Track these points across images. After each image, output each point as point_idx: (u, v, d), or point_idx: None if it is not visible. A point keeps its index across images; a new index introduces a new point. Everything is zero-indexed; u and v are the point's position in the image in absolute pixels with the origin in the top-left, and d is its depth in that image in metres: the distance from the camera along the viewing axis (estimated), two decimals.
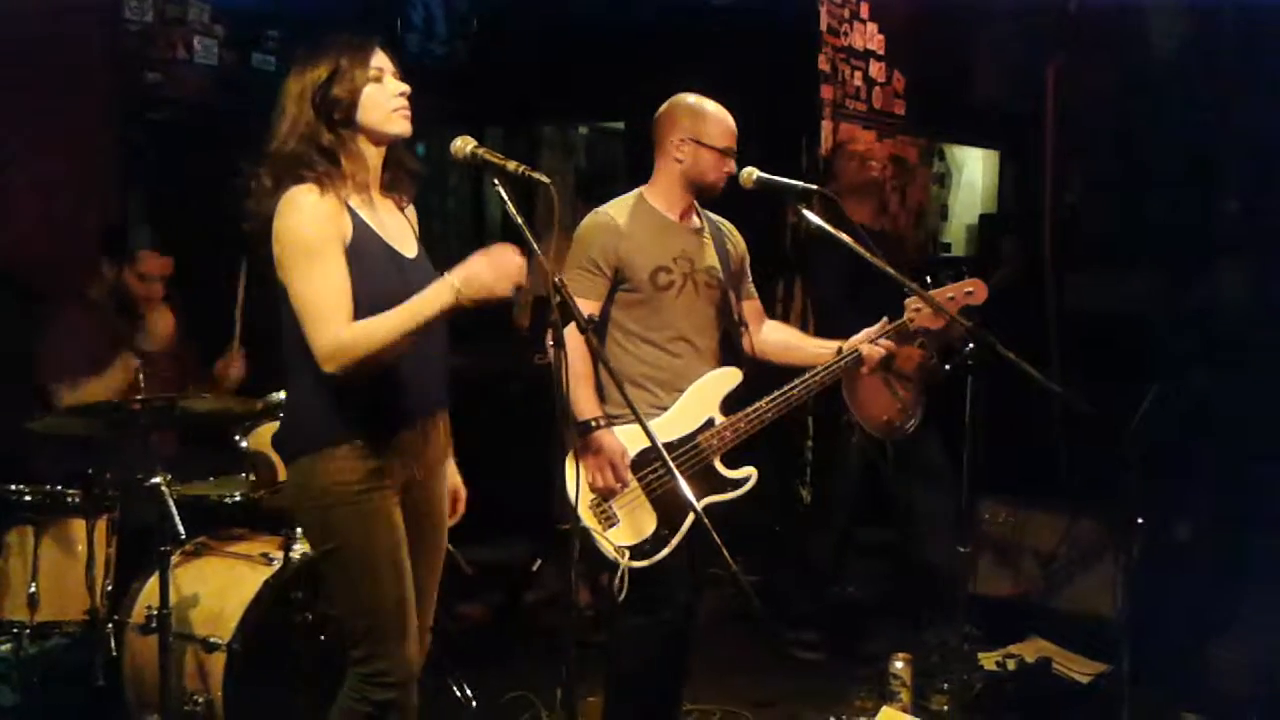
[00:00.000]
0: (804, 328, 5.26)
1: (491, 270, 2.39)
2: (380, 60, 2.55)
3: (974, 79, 5.87)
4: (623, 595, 3.01)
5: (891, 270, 3.05)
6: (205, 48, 5.05)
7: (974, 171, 6.88)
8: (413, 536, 2.62)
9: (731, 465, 3.16)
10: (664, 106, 3.25)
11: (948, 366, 3.26)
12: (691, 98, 3.23)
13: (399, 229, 2.63)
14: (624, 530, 3.08)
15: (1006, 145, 6.48)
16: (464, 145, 2.53)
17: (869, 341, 3.19)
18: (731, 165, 3.20)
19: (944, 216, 6.76)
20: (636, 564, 3.04)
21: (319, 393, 2.51)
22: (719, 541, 2.43)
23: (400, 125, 2.55)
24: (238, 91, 5.11)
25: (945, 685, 3.90)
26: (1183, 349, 4.63)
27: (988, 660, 4.19)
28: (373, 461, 2.54)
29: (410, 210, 2.72)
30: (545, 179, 2.47)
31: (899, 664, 3.82)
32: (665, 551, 3.08)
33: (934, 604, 4.37)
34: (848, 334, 3.29)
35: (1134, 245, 5.21)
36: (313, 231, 2.43)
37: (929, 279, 3.28)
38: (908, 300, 3.18)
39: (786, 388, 3.17)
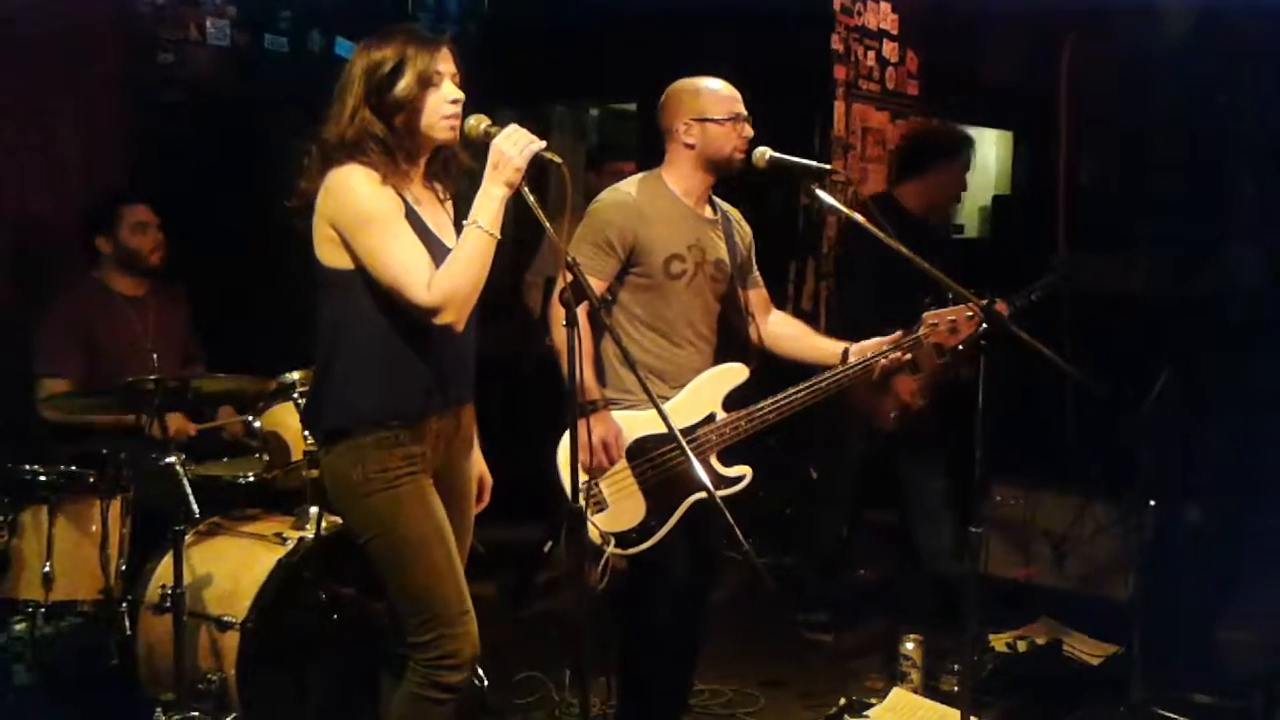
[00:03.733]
0: (815, 307, 5.28)
1: (508, 144, 2.45)
2: (444, 62, 2.55)
3: (988, 59, 5.83)
4: (604, 581, 3.01)
5: (928, 267, 3.00)
6: (217, 29, 5.04)
7: (987, 153, 6.83)
8: None
9: (728, 462, 3.15)
10: (663, 96, 3.21)
11: (959, 346, 3.23)
12: (687, 80, 3.20)
13: (438, 220, 2.64)
14: (611, 516, 3.07)
15: (1020, 126, 6.44)
16: (477, 124, 2.55)
17: (879, 352, 3.15)
18: (746, 129, 3.14)
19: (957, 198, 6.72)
20: (621, 551, 3.04)
21: (355, 375, 2.54)
22: (731, 523, 2.44)
23: (446, 134, 2.56)
24: (250, 73, 5.11)
25: (955, 667, 3.90)
26: (1195, 330, 4.60)
27: (998, 642, 4.19)
28: (408, 447, 2.56)
29: (449, 204, 2.72)
30: (558, 159, 2.49)
31: (909, 645, 3.83)
32: (651, 542, 3.07)
33: (942, 586, 4.36)
34: (882, 330, 3.26)
35: (1147, 226, 5.18)
36: (381, 198, 2.47)
37: (950, 297, 3.23)
38: (925, 315, 3.15)
39: (790, 391, 3.13)
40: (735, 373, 3.19)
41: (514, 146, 2.45)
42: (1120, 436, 4.17)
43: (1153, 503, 3.75)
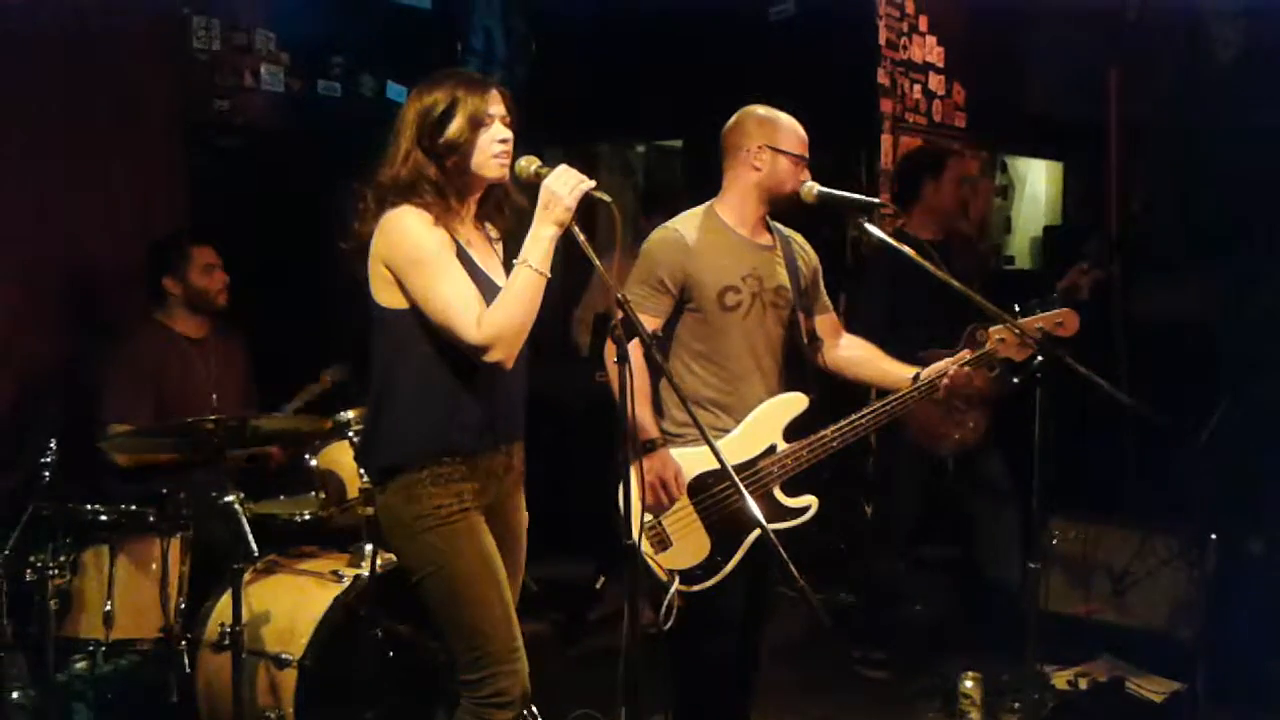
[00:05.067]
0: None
1: (558, 184, 2.48)
2: (495, 104, 2.60)
3: (1035, 90, 5.81)
4: (670, 620, 2.99)
5: (978, 298, 2.99)
6: (271, 75, 5.14)
7: (1037, 183, 6.80)
8: None
9: (792, 492, 3.13)
10: (735, 118, 3.22)
11: (1016, 379, 3.20)
12: (762, 108, 3.21)
13: (488, 261, 2.68)
14: (676, 554, 3.05)
15: (1069, 156, 6.41)
16: (528, 165, 2.59)
17: (946, 371, 3.11)
18: (806, 174, 3.16)
19: (1008, 229, 6.69)
20: (686, 589, 3.02)
21: (408, 413, 2.59)
22: (785, 559, 2.42)
23: (496, 171, 2.61)
24: (304, 117, 5.21)
25: (1016, 705, 3.84)
26: (1253, 358, 4.53)
27: (1059, 679, 4.13)
28: (461, 484, 2.59)
29: (500, 245, 2.76)
30: (607, 198, 2.51)
31: (969, 683, 3.78)
32: (717, 578, 3.06)
33: (1001, 622, 4.30)
34: (893, 354, 3.24)
35: (1200, 253, 5.12)
36: (434, 239, 2.52)
37: (1016, 307, 3.21)
38: (992, 329, 3.12)
39: (854, 417, 3.11)
40: (795, 402, 3.16)
41: (564, 186, 2.48)
42: (1180, 468, 4.11)
43: (1214, 536, 3.69)
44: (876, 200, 3.26)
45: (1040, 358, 3.03)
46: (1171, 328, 5.07)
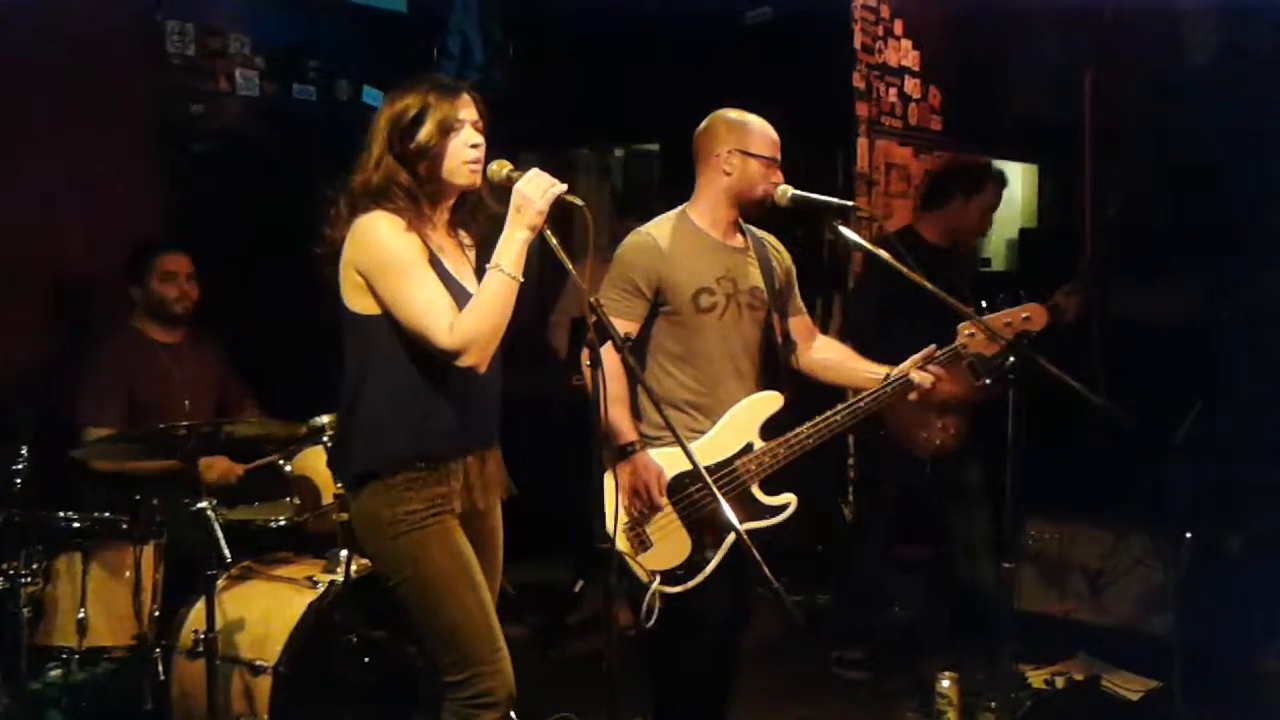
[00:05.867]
0: (843, 342, 5.26)
1: (530, 187, 2.48)
2: (465, 109, 2.60)
3: (1010, 93, 5.84)
4: (652, 620, 3.00)
5: (944, 294, 3.00)
6: (246, 79, 5.13)
7: (1013, 186, 6.81)
8: None
9: (771, 490, 3.14)
10: (705, 122, 3.23)
11: (987, 381, 3.22)
12: (733, 111, 3.22)
13: (460, 268, 2.68)
14: (656, 554, 3.06)
15: (1045, 158, 6.44)
16: (500, 169, 2.59)
17: (918, 367, 3.13)
18: (778, 176, 3.17)
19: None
20: (668, 589, 3.03)
21: (381, 418, 2.58)
22: (759, 560, 2.43)
23: (468, 177, 2.61)
24: (279, 122, 5.19)
25: (993, 704, 3.85)
26: (1228, 359, 4.56)
27: (1036, 678, 4.14)
28: (434, 488, 2.59)
29: (472, 250, 2.76)
30: (579, 202, 2.52)
31: (945, 683, 3.79)
32: (699, 578, 3.06)
33: (978, 622, 4.32)
34: (883, 356, 3.26)
35: (1176, 256, 5.15)
36: (405, 244, 2.52)
37: (984, 304, 3.22)
38: (960, 325, 3.13)
39: (829, 414, 3.12)
40: (770, 401, 3.17)
41: (536, 190, 2.48)
42: (1155, 468, 4.13)
43: (1189, 535, 3.71)
44: (851, 203, 3.27)
45: (1011, 358, 3.05)
46: (1149, 329, 5.10)
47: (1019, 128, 5.94)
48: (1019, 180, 6.84)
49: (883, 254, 3.20)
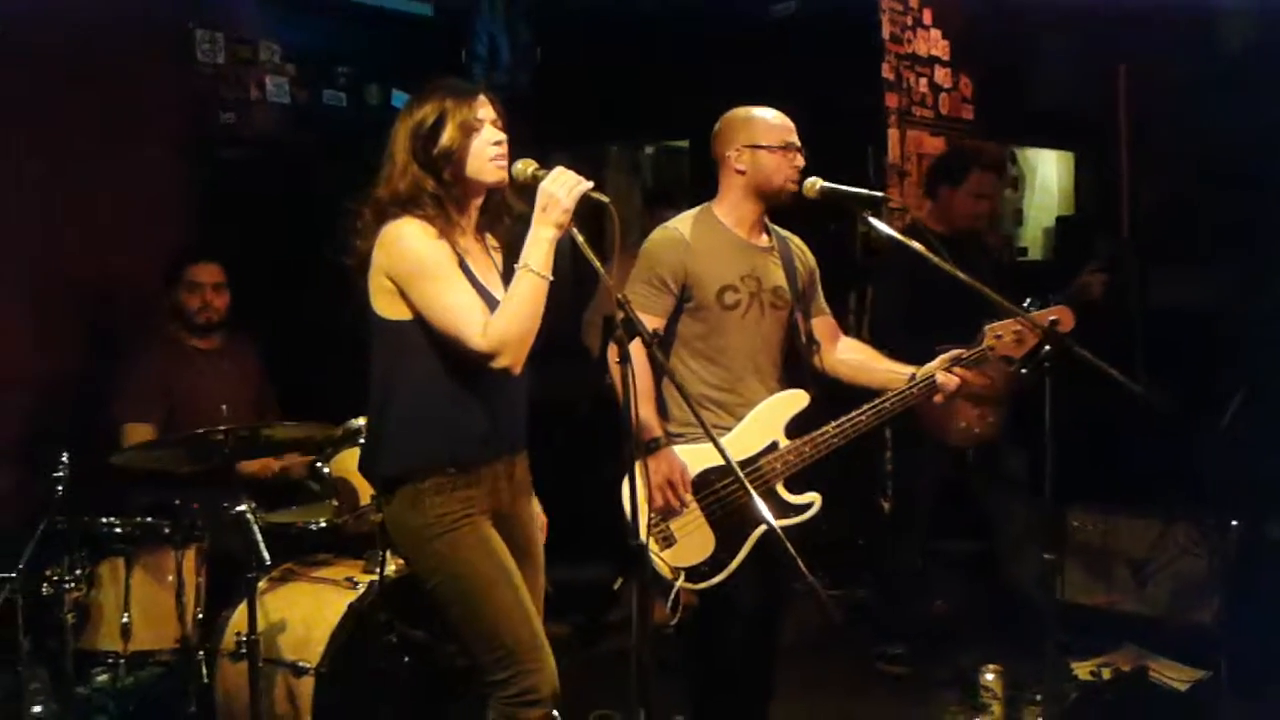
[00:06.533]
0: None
1: (555, 185, 2.48)
2: (483, 109, 2.60)
3: (1043, 80, 5.78)
4: (677, 618, 2.99)
5: (981, 287, 2.97)
6: (277, 86, 5.17)
7: (1049, 174, 6.76)
8: None
9: (796, 489, 3.12)
10: (716, 125, 3.23)
11: (1024, 370, 3.19)
12: (740, 109, 3.21)
13: (486, 272, 2.68)
14: (681, 551, 3.05)
15: (1080, 146, 6.37)
16: (525, 168, 2.59)
17: (943, 369, 3.12)
18: (798, 159, 3.14)
19: (1019, 221, 6.65)
20: (692, 586, 3.02)
21: (410, 423, 2.59)
22: (794, 554, 2.41)
23: (496, 175, 2.61)
24: (310, 128, 5.23)
25: (1038, 696, 3.81)
26: (1269, 346, 4.49)
27: (1082, 670, 4.10)
28: (463, 491, 2.59)
29: (498, 254, 2.76)
30: (605, 199, 2.51)
31: (990, 675, 3.75)
32: (723, 575, 3.05)
33: (1021, 614, 4.28)
34: (908, 353, 3.23)
35: (1214, 242, 5.08)
36: (435, 249, 2.53)
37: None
38: (988, 326, 3.11)
39: (854, 414, 3.10)
40: (795, 399, 3.16)
41: (561, 188, 2.48)
42: (1199, 456, 4.08)
43: (1235, 523, 3.65)
44: (881, 195, 3.24)
45: (1046, 347, 3.01)
46: (1189, 317, 5.04)
47: (1053, 116, 5.88)
48: (1054, 168, 6.78)
49: (916, 245, 3.17)
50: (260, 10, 5.10)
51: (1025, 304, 3.10)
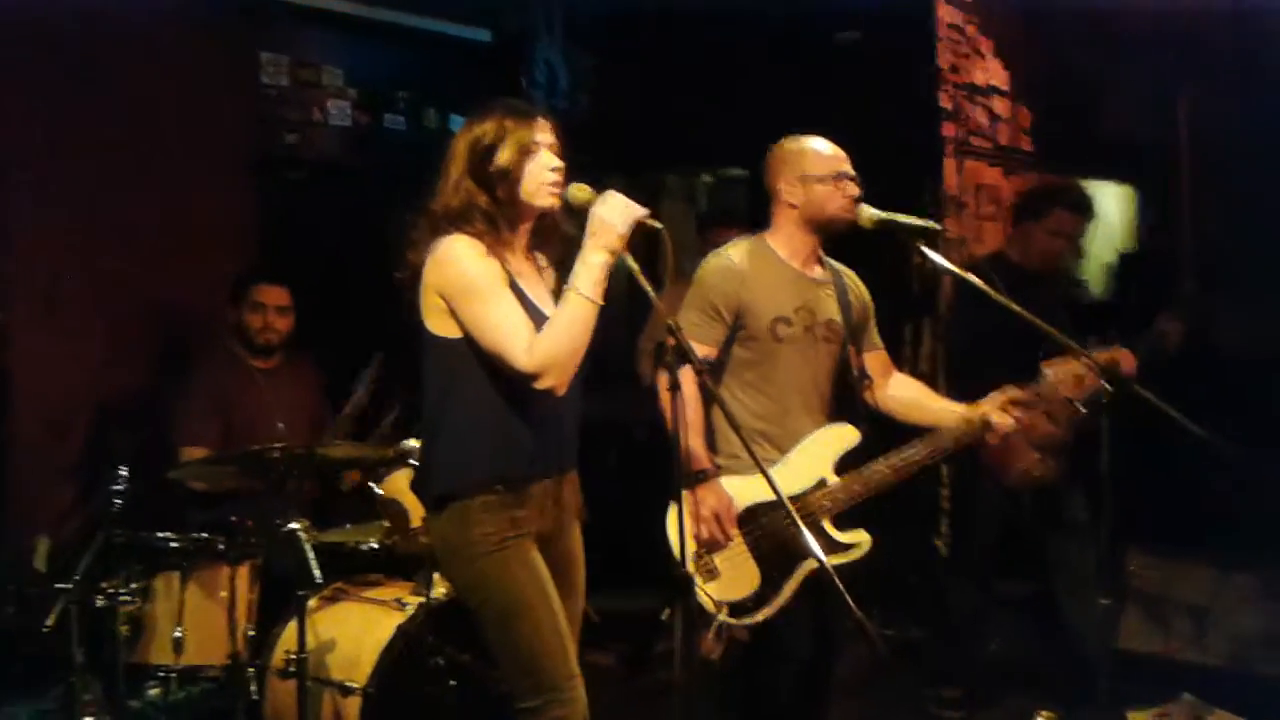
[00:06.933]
0: (934, 370, 5.18)
1: (608, 211, 2.48)
2: (542, 133, 2.62)
3: (1104, 112, 5.71)
4: (718, 652, 2.96)
5: (1039, 322, 2.93)
6: (339, 110, 5.25)
7: (1109, 207, 6.67)
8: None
9: (844, 526, 3.07)
10: (768, 157, 3.22)
11: (1083, 410, 3.13)
12: (789, 140, 3.20)
13: (537, 291, 2.69)
14: (724, 585, 3.02)
15: (1142, 180, 6.29)
16: (579, 192, 2.60)
17: (1000, 408, 3.07)
18: (851, 188, 3.12)
19: (1079, 254, 6.56)
20: (734, 621, 2.99)
21: (460, 441, 2.60)
22: (843, 590, 2.38)
23: (548, 200, 2.62)
24: (371, 150, 5.30)
25: None
26: None
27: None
28: (512, 511, 2.60)
29: (549, 273, 2.77)
30: (658, 225, 2.51)
31: None
32: (767, 611, 3.01)
33: (1078, 660, 4.19)
34: (981, 386, 3.19)
35: (1274, 283, 4.98)
36: (484, 267, 2.54)
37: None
38: (1045, 365, 3.06)
39: (906, 451, 3.07)
40: (845, 435, 3.13)
41: (613, 213, 2.49)
42: (1262, 500, 3.98)
43: None
44: (935, 225, 3.21)
45: (1107, 384, 2.96)
46: (1252, 357, 4.93)
47: (1113, 148, 5.81)
48: (1116, 203, 6.69)
49: (971, 278, 3.14)
50: (324, 36, 5.19)
51: (1089, 340, 3.05)
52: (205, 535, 3.47)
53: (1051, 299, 4.11)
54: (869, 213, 3.11)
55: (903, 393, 3.30)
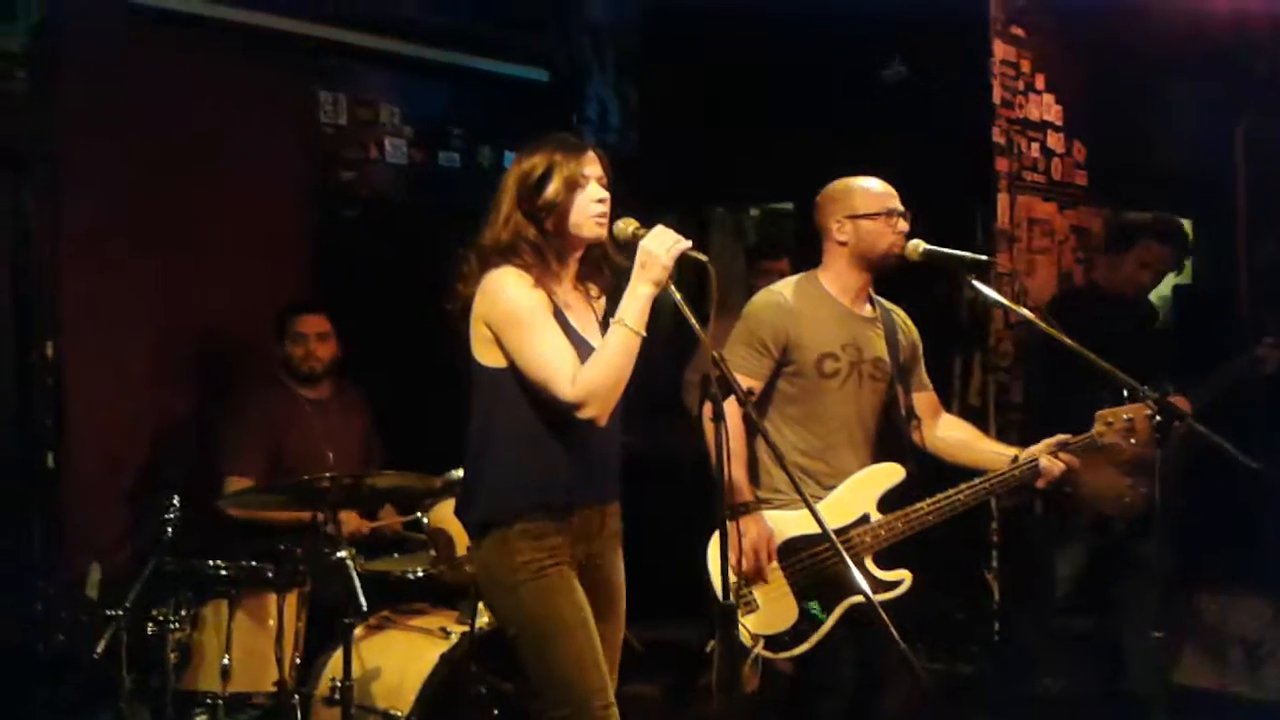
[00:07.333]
0: (984, 401, 5.13)
1: (654, 243, 2.51)
2: (590, 165, 2.65)
3: (1158, 146, 5.66)
4: (754, 684, 2.94)
5: (1091, 354, 2.90)
6: (395, 147, 5.34)
7: None
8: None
9: (886, 565, 3.05)
10: (819, 197, 3.24)
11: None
12: (840, 181, 3.22)
13: (585, 322, 2.71)
14: (762, 618, 3.01)
15: (1197, 213, 6.21)
16: (626, 226, 2.63)
17: (1049, 453, 3.05)
18: (901, 224, 3.12)
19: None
20: (771, 655, 2.97)
21: (503, 469, 2.63)
22: (887, 623, 2.36)
23: (595, 231, 2.65)
24: (425, 188, 5.38)
25: None
26: None
27: None
28: (553, 539, 2.62)
29: (600, 302, 2.79)
30: (704, 258, 2.53)
31: None
32: (805, 646, 3.00)
33: (1133, 696, 4.10)
34: (1057, 423, 3.15)
35: None
36: (531, 298, 2.57)
37: (1125, 394, 3.10)
38: (1099, 413, 3.03)
39: (952, 492, 3.05)
40: (890, 473, 3.12)
41: (661, 246, 2.51)
42: None
43: None
44: (985, 258, 3.20)
45: (1161, 418, 2.91)
46: None
47: (1168, 181, 5.75)
48: None
49: (1024, 312, 3.13)
50: (381, 74, 5.28)
51: (1143, 389, 2.99)
52: (254, 563, 3.51)
53: (1132, 329, 4.06)
54: (918, 245, 3.11)
55: (951, 434, 3.28)
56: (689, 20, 5.61)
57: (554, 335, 2.57)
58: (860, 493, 3.09)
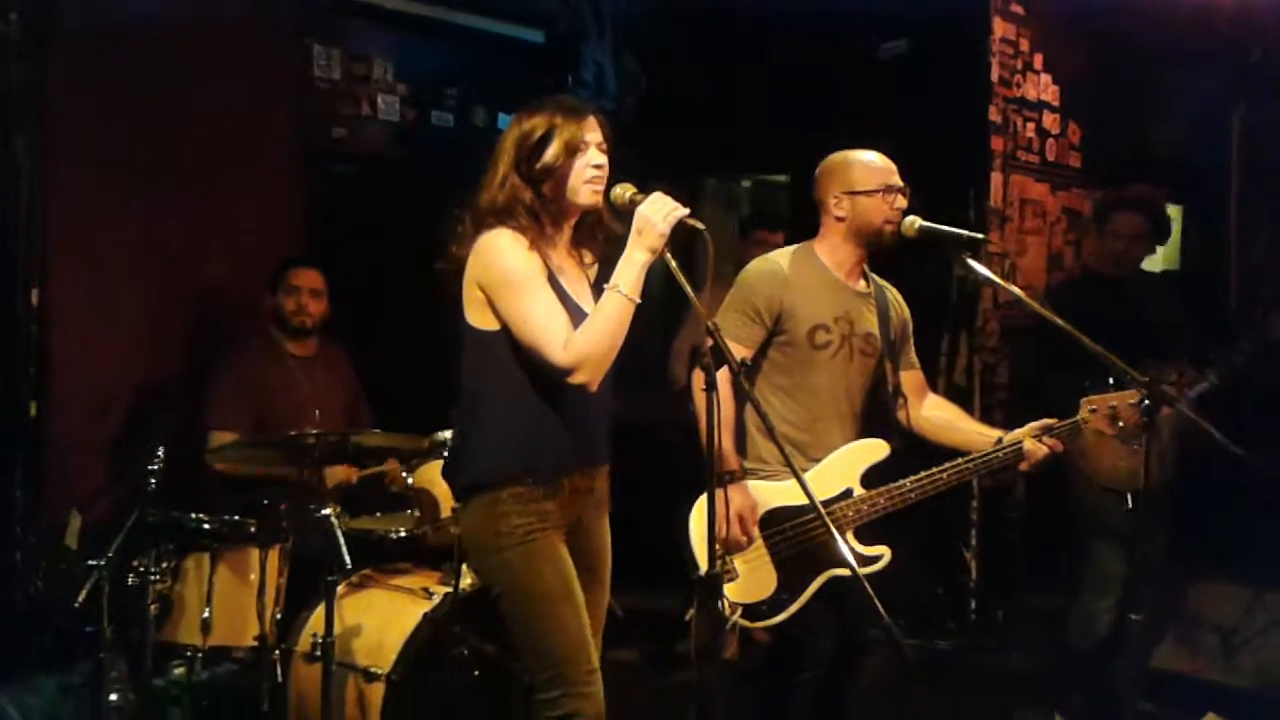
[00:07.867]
0: (969, 381, 5.15)
1: (652, 210, 2.49)
2: (591, 131, 2.62)
3: (1153, 131, 5.67)
4: (730, 651, 2.95)
5: (1089, 341, 2.90)
6: (388, 105, 5.29)
7: None
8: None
9: (867, 540, 3.07)
10: (817, 170, 3.22)
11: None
12: (837, 155, 3.20)
13: (578, 288, 2.70)
14: (741, 587, 3.02)
15: (1189, 199, 6.22)
16: (623, 192, 2.61)
17: (1033, 437, 3.06)
18: (899, 201, 3.11)
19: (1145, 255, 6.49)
20: (747, 623, 2.99)
21: (493, 432, 2.62)
22: (872, 595, 2.37)
23: (589, 197, 2.63)
24: (418, 146, 5.34)
25: None
26: None
27: None
28: (541, 504, 2.61)
29: (593, 269, 2.78)
30: (700, 225, 2.52)
31: None
32: (781, 616, 3.01)
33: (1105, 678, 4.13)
34: (1050, 403, 3.15)
35: None
36: (525, 262, 2.55)
37: (1110, 381, 3.10)
38: (1084, 400, 3.04)
39: (935, 470, 3.06)
40: (875, 449, 3.13)
41: (657, 213, 2.50)
42: None
43: None
44: (980, 236, 3.19)
45: (1148, 402, 2.93)
46: None
47: (1161, 166, 5.76)
48: None
49: (1014, 289, 3.12)
50: (376, 30, 5.23)
51: (1126, 376, 2.99)
52: (237, 518, 3.50)
53: (1127, 311, 4.01)
54: (914, 222, 3.10)
55: (936, 414, 3.29)
56: None
57: (548, 299, 2.56)
58: (845, 467, 3.10)
